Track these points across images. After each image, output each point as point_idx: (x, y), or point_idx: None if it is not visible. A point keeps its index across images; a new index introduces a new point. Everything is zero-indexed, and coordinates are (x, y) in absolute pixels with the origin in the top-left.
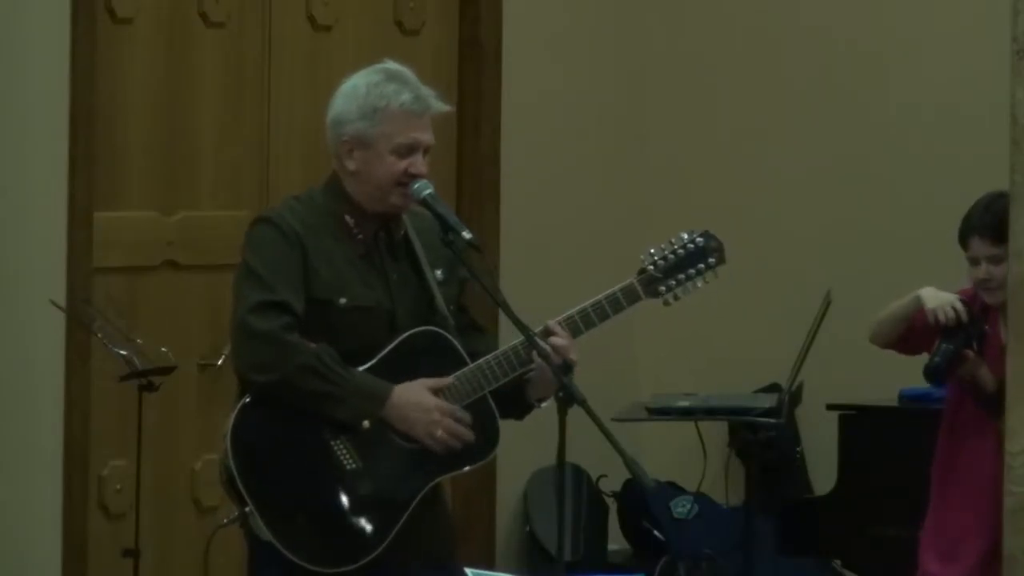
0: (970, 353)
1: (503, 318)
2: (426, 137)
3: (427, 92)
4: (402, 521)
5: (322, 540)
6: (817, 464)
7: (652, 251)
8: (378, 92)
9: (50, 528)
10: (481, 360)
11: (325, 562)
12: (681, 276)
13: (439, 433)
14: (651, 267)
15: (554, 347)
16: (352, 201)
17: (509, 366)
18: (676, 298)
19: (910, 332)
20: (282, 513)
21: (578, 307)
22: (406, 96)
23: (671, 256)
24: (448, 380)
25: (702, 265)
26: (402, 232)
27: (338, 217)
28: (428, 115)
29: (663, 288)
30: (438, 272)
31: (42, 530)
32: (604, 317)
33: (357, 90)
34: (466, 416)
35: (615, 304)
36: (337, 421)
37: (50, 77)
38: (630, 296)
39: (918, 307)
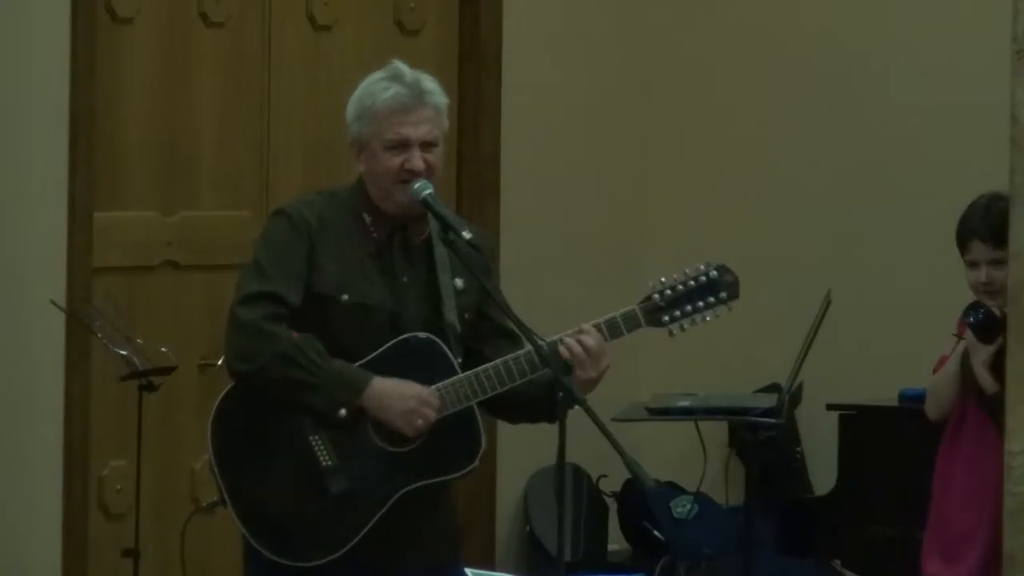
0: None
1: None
2: (416, 132)
3: (425, 88)
4: (372, 523)
5: (288, 533)
6: (817, 464)
7: (663, 279)
8: (368, 92)
9: (50, 528)
10: (471, 372)
11: (289, 555)
12: (688, 308)
13: (419, 423)
14: (656, 295)
15: (584, 347)
16: (371, 200)
17: (500, 380)
18: (682, 329)
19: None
20: (252, 502)
21: (575, 329)
22: (390, 93)
23: (680, 287)
24: (432, 391)
25: (712, 299)
26: (424, 235)
27: (357, 214)
28: (420, 111)
29: (667, 318)
30: (458, 281)
31: (42, 530)
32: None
33: (356, 93)
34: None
35: (614, 329)
36: (314, 411)
37: (50, 77)
38: (630, 322)
39: (965, 349)
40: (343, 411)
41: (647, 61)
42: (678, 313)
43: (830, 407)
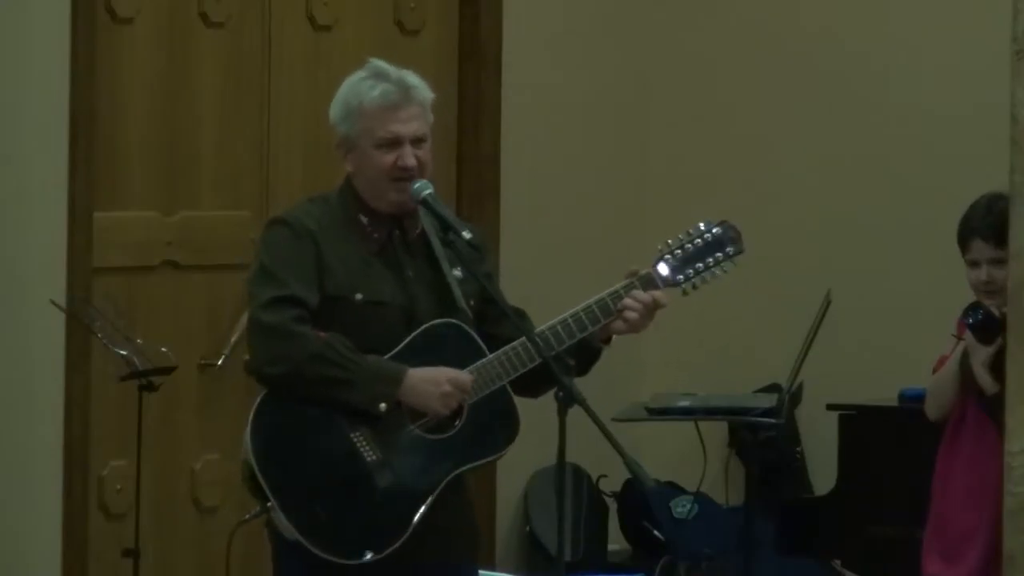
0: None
1: None
2: (406, 129)
3: (410, 84)
4: (421, 512)
5: (342, 531)
6: (817, 464)
7: (670, 241)
8: (353, 91)
9: (50, 528)
10: (499, 351)
11: (345, 553)
12: (699, 265)
13: (454, 403)
14: (668, 256)
15: (656, 301)
16: (364, 201)
17: (528, 357)
18: (695, 287)
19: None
20: (302, 505)
21: (596, 296)
22: (377, 91)
23: (688, 246)
24: (468, 375)
25: (720, 255)
26: (418, 230)
27: (352, 217)
28: (408, 107)
29: (680, 277)
30: (456, 271)
31: (42, 530)
32: (619, 309)
33: (340, 93)
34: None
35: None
36: (354, 407)
37: (50, 77)
38: (648, 285)
39: (964, 349)
40: (383, 405)
41: (647, 61)
42: (691, 271)
43: (830, 407)
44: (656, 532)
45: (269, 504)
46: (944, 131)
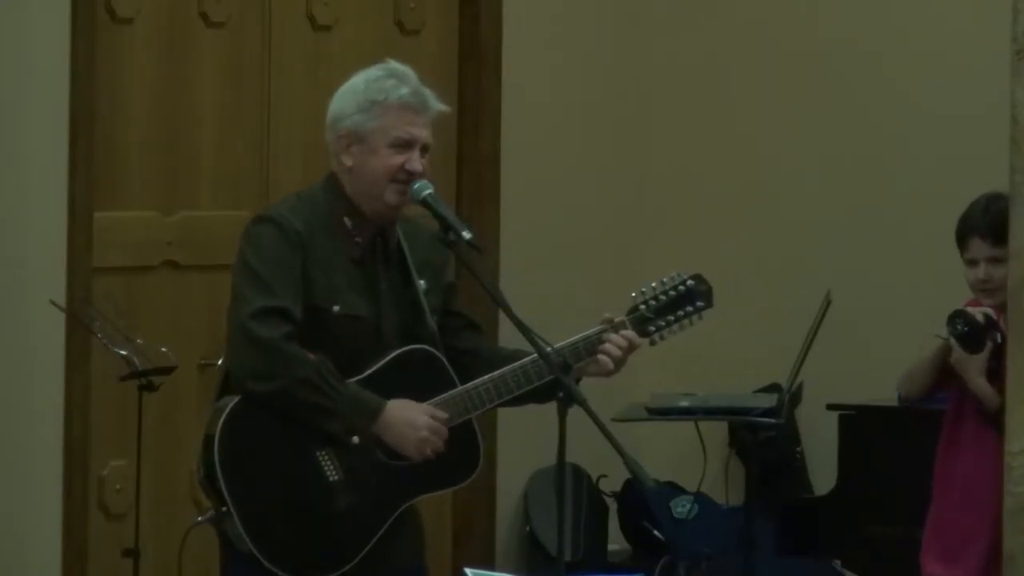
0: (997, 334)
1: (503, 319)
2: (423, 134)
3: (427, 93)
4: (377, 537)
5: (295, 547)
6: (817, 464)
7: (644, 290)
8: (377, 87)
9: (50, 528)
10: (471, 384)
11: (295, 570)
12: (670, 318)
13: (428, 451)
14: (643, 306)
15: (630, 343)
16: (351, 202)
17: (497, 393)
18: (662, 338)
19: (943, 374)
20: (259, 516)
21: (569, 340)
22: (404, 91)
23: (662, 297)
24: (443, 414)
25: (690, 308)
26: (396, 240)
27: (337, 218)
28: (427, 113)
29: (652, 328)
30: (422, 282)
31: (42, 530)
32: (593, 353)
33: (356, 86)
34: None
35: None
36: (328, 433)
37: (50, 77)
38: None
39: (943, 346)
40: (356, 438)
41: (647, 61)
42: (662, 323)
43: (830, 407)
44: (656, 532)
45: (224, 509)
46: (944, 131)
